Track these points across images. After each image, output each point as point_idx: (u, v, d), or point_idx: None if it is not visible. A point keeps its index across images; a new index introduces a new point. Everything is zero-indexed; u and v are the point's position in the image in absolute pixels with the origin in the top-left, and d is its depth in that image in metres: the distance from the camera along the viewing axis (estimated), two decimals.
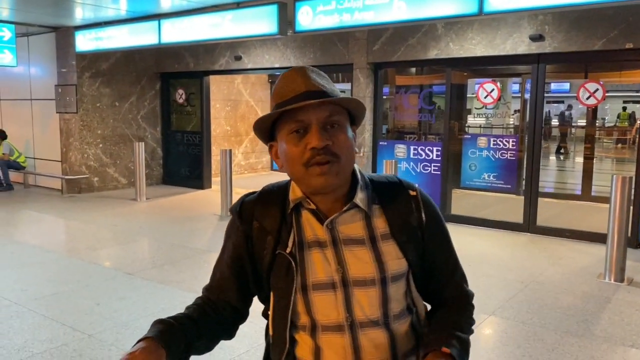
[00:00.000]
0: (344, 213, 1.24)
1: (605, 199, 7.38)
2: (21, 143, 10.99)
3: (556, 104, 21.30)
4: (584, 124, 13.18)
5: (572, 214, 8.32)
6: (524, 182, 7.36)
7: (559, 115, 17.94)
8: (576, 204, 9.02)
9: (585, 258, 5.95)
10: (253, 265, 1.30)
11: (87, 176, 10.07)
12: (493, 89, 7.52)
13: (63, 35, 9.88)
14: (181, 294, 4.72)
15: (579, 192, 9.54)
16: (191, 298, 1.44)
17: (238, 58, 9.42)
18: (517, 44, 6.74)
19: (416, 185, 1.33)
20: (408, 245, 1.25)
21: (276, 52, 8.95)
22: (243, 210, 1.31)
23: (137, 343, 1.18)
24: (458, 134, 8.55)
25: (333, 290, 1.22)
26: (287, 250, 1.23)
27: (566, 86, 20.65)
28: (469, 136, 8.69)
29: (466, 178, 8.31)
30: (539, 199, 7.11)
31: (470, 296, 1.36)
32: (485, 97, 7.57)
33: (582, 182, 9.55)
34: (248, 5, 7.34)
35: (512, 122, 11.36)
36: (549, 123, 17.67)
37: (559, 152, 15.44)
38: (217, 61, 9.76)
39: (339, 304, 1.22)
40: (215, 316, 1.33)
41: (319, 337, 1.23)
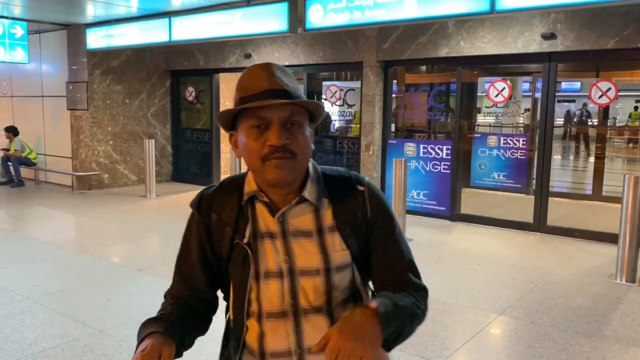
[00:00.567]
0: (295, 206, 1.29)
1: (616, 199, 7.33)
2: (32, 139, 11.07)
3: (567, 103, 21.14)
4: (595, 124, 13.08)
5: (583, 214, 8.26)
6: (534, 182, 7.32)
7: (579, 114, 17.64)
8: (587, 204, 8.95)
9: (596, 258, 5.91)
10: (214, 255, 1.35)
11: (97, 173, 10.14)
12: (504, 88, 7.48)
13: (74, 32, 9.94)
14: None
15: (590, 192, 9.47)
16: None
17: (248, 56, 9.43)
18: (529, 43, 6.70)
19: (366, 179, 1.37)
20: (351, 237, 1.30)
21: (286, 50, 8.95)
22: (202, 203, 1.37)
23: (143, 341, 1.20)
24: (468, 133, 8.51)
25: (280, 278, 1.28)
26: (245, 240, 1.29)
27: (577, 85, 20.50)
28: (479, 135, 8.65)
29: (476, 177, 8.28)
30: (549, 199, 7.07)
31: (420, 287, 1.33)
32: (496, 96, 7.54)
33: (593, 182, 9.48)
34: (258, 2, 7.35)
35: (522, 121, 11.30)
36: (571, 122, 17.38)
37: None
38: (227, 59, 9.78)
39: (285, 292, 1.28)
40: (190, 313, 1.36)
41: (264, 324, 1.30)
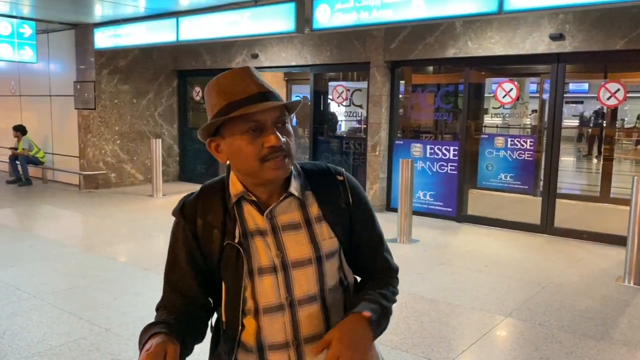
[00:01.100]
0: (281, 202, 1.34)
1: (624, 201, 7.28)
2: (40, 138, 11.13)
3: (575, 104, 21.03)
4: (603, 125, 12.98)
5: (590, 216, 8.22)
6: (542, 183, 7.28)
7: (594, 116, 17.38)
8: (594, 206, 8.90)
9: (603, 260, 5.87)
10: (204, 260, 1.36)
11: (105, 172, 10.18)
12: (512, 89, 7.45)
13: (82, 32, 9.98)
14: None
15: (598, 194, 9.41)
16: None
17: (255, 56, 9.43)
18: (537, 43, 6.67)
19: (343, 170, 1.45)
20: (338, 225, 1.37)
21: (293, 50, 8.95)
22: (185, 210, 1.38)
23: (148, 341, 1.21)
24: (475, 134, 8.48)
25: (274, 273, 1.32)
26: (235, 240, 1.32)
27: (585, 86, 20.39)
28: (486, 136, 8.63)
29: (483, 178, 8.26)
30: (557, 200, 7.03)
31: (394, 269, 1.49)
32: (503, 97, 7.50)
33: (601, 184, 9.42)
34: (266, 3, 7.35)
35: (530, 122, 11.25)
36: (587, 124, 17.14)
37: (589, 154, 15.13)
38: (234, 59, 9.79)
39: (280, 285, 1.32)
40: (187, 319, 1.36)
41: (261, 319, 1.33)
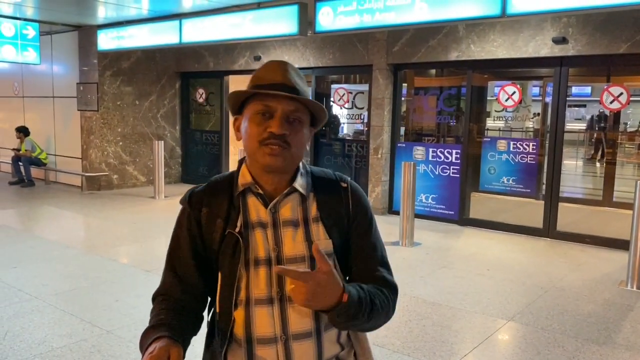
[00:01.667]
0: (285, 197, 1.38)
1: (627, 205, 7.26)
2: (43, 140, 11.15)
3: (577, 108, 21.00)
4: (606, 129, 12.96)
5: (593, 220, 8.19)
6: (544, 187, 7.26)
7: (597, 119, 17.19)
8: (597, 210, 8.88)
9: (606, 265, 5.85)
10: (204, 248, 1.40)
11: (107, 174, 10.19)
12: (514, 92, 7.44)
13: (85, 33, 10.00)
14: None
15: (601, 198, 9.38)
16: None
17: (257, 58, 9.44)
18: (540, 47, 6.66)
19: (348, 178, 1.48)
20: (333, 228, 1.39)
21: (295, 53, 8.95)
22: (192, 198, 1.42)
23: (151, 345, 1.22)
24: (477, 137, 8.47)
25: (269, 266, 1.35)
26: (236, 229, 1.36)
27: (588, 90, 20.37)
28: (489, 139, 8.60)
29: (485, 181, 8.23)
30: (559, 204, 7.01)
31: (391, 284, 1.42)
32: (506, 100, 7.49)
33: (604, 188, 9.39)
34: (269, 5, 7.36)
35: (532, 126, 11.22)
36: (591, 127, 16.93)
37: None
38: (237, 61, 9.80)
39: (273, 279, 1.34)
40: (184, 313, 1.38)
41: (252, 310, 1.34)
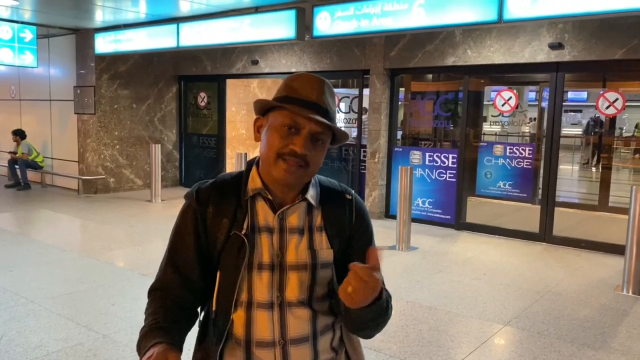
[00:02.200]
0: (294, 205, 1.40)
1: (622, 210, 7.29)
2: (39, 143, 11.13)
3: (573, 113, 21.06)
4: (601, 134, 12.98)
5: (589, 224, 8.22)
6: (541, 191, 7.29)
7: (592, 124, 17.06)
8: (593, 215, 8.91)
9: (602, 269, 5.87)
10: (207, 245, 1.40)
11: (104, 177, 10.17)
12: (511, 97, 7.48)
13: (83, 37, 10.01)
14: None
15: (596, 202, 9.42)
16: None
17: (255, 62, 9.46)
18: (536, 52, 6.69)
19: (352, 191, 1.52)
20: (335, 238, 1.42)
21: (293, 57, 8.97)
22: (199, 195, 1.41)
23: (150, 349, 1.24)
24: (474, 142, 8.50)
25: (272, 271, 1.36)
26: (242, 232, 1.36)
27: (584, 95, 20.44)
28: (485, 144, 8.64)
29: (482, 186, 8.26)
30: (555, 209, 7.03)
31: (389, 295, 1.42)
32: (502, 105, 7.53)
33: (600, 193, 9.43)
34: (266, 10, 7.38)
35: (529, 131, 11.27)
36: (587, 133, 16.81)
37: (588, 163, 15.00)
38: (235, 65, 9.82)
39: (274, 284, 1.36)
40: (181, 310, 1.39)
41: (253, 312, 1.36)
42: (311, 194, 1.41)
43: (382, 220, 8.11)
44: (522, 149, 7.96)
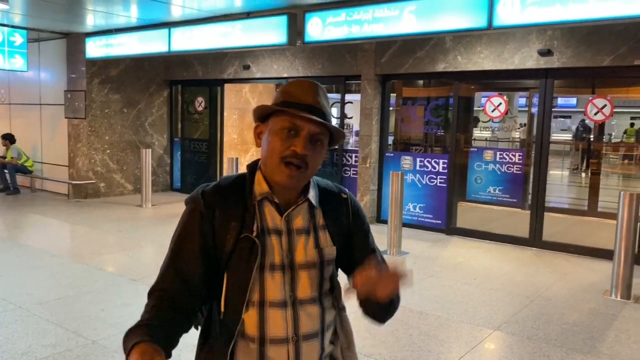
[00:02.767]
0: (298, 206, 1.46)
1: (611, 215, 7.35)
2: (29, 147, 11.06)
3: (563, 119, 21.26)
4: (591, 140, 13.11)
5: (578, 230, 8.28)
6: (530, 197, 7.33)
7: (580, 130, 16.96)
8: (582, 220, 8.98)
9: (591, 274, 5.91)
10: (214, 248, 1.42)
11: (94, 181, 10.12)
12: (500, 103, 7.53)
13: (74, 41, 9.97)
14: None
15: (586, 208, 9.49)
16: None
17: (246, 67, 9.47)
18: (526, 59, 6.76)
19: (346, 190, 1.61)
20: (337, 236, 1.51)
21: (285, 62, 8.99)
22: (205, 198, 1.43)
23: (130, 352, 1.23)
24: (464, 147, 8.55)
25: (283, 272, 1.42)
26: (253, 234, 1.40)
27: (573, 101, 20.65)
28: (475, 149, 8.69)
29: (472, 191, 8.31)
30: (545, 214, 7.08)
31: None
32: (492, 111, 7.58)
33: (589, 198, 9.51)
34: (258, 15, 7.40)
35: (519, 136, 11.36)
36: (576, 138, 16.71)
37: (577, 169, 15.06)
38: (226, 70, 9.82)
39: (286, 284, 1.42)
40: (177, 312, 1.39)
41: (266, 311, 1.41)
42: (312, 195, 1.48)
43: (374, 225, 8.12)
44: (512, 155, 8.01)
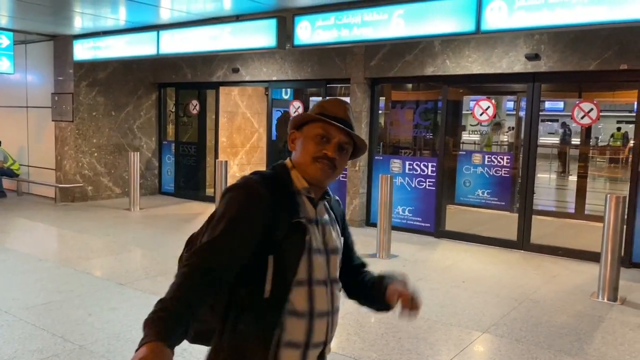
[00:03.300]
0: (322, 201, 1.73)
1: (598, 218, 7.42)
2: (15, 150, 10.95)
3: (550, 122, 21.44)
4: (577, 143, 13.21)
5: (565, 232, 8.35)
6: (518, 200, 7.38)
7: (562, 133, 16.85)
8: (570, 222, 9.05)
9: (578, 277, 5.96)
10: (264, 233, 1.54)
11: (81, 185, 10.03)
12: (489, 107, 7.58)
13: (61, 43, 9.90)
14: None
15: (573, 210, 9.58)
16: None
17: (236, 70, 9.45)
18: (513, 63, 6.81)
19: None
20: (340, 229, 1.80)
21: (274, 65, 8.99)
22: (261, 188, 1.59)
23: (140, 347, 1.26)
24: (453, 150, 8.59)
25: (322, 254, 1.66)
26: (304, 220, 1.61)
27: (560, 105, 20.83)
28: (464, 152, 8.73)
29: (460, 194, 8.33)
30: (533, 217, 7.13)
31: (367, 264, 1.97)
32: (480, 115, 7.63)
33: (576, 201, 9.59)
34: (247, 18, 7.40)
35: (507, 140, 11.44)
36: (563, 142, 16.54)
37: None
38: (215, 73, 9.80)
39: (324, 265, 1.66)
40: (208, 297, 1.48)
41: (314, 289, 1.62)
42: (329, 194, 1.76)
43: (363, 228, 8.13)
44: (500, 158, 8.06)
